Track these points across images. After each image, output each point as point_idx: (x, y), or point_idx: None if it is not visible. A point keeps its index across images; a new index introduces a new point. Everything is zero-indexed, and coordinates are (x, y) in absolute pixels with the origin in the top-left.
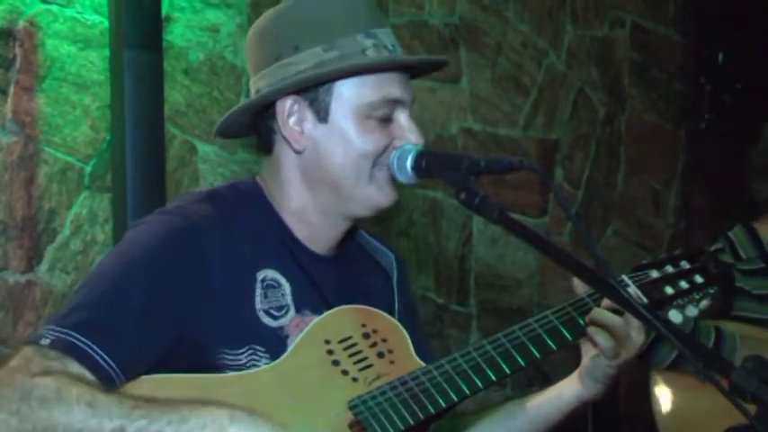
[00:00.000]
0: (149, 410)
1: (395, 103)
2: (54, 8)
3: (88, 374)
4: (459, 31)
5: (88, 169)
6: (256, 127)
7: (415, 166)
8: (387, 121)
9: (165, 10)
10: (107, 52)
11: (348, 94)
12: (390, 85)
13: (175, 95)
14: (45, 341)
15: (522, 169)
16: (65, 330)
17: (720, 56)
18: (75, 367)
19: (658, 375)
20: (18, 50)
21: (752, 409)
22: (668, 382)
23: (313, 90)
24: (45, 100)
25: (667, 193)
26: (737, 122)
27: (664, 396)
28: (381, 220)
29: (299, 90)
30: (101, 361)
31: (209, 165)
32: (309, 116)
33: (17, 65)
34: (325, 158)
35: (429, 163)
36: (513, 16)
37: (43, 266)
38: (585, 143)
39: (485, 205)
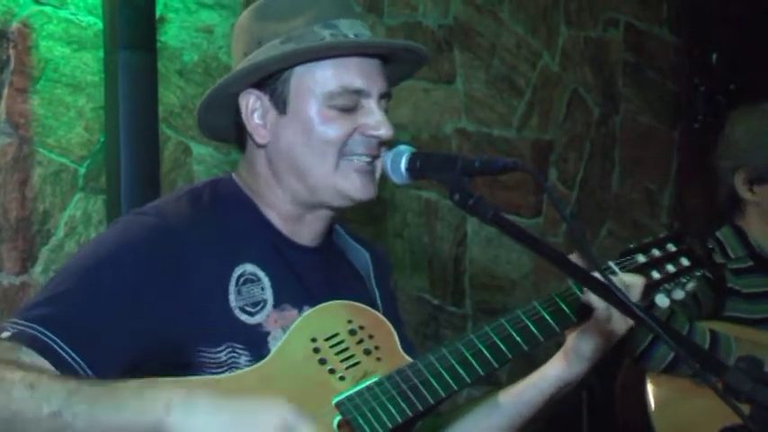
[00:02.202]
0: (90, 395)
1: (356, 93)
2: (48, 9)
3: (51, 369)
4: (454, 32)
5: (82, 171)
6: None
7: (409, 167)
8: (350, 110)
9: (159, 11)
10: (101, 53)
11: (305, 84)
12: (349, 74)
13: (170, 96)
14: (5, 334)
15: (515, 170)
16: (27, 323)
17: (714, 56)
18: (36, 358)
19: (653, 379)
20: (12, 52)
21: (746, 409)
22: (663, 386)
23: (272, 83)
24: (39, 101)
25: (662, 194)
26: None
27: (659, 399)
28: (375, 221)
29: (260, 85)
30: (66, 356)
31: (203, 166)
32: (271, 109)
33: (11, 66)
34: (287, 149)
35: (423, 164)
36: (508, 17)
37: (37, 268)
38: (580, 144)
39: (479, 206)
